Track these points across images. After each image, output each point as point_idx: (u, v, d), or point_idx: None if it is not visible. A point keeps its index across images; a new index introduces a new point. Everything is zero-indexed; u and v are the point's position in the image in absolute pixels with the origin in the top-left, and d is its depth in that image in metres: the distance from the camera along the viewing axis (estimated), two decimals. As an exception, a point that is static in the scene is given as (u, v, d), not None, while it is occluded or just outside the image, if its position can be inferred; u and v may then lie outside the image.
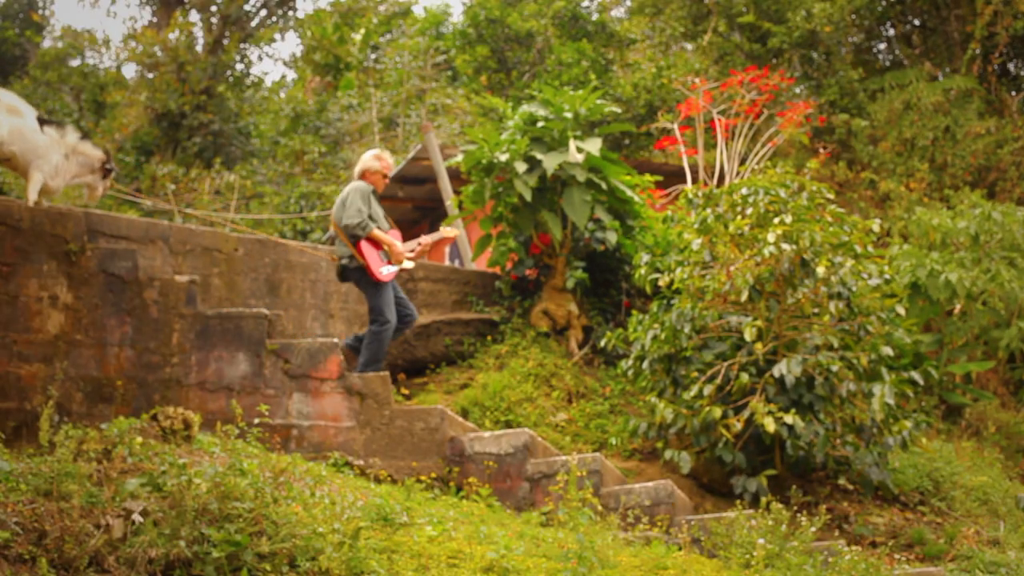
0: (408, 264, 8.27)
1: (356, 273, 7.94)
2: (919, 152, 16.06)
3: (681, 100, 14.70)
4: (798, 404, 7.60)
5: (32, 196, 7.22)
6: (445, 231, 8.93)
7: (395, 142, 19.53)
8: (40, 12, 30.70)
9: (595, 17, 19.42)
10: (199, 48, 23.95)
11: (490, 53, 18.60)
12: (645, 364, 8.41)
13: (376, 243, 7.98)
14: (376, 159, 8.27)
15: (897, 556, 6.77)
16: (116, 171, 8.18)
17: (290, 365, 6.97)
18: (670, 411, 7.74)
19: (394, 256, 8.03)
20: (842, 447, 7.86)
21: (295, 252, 9.13)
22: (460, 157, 10.42)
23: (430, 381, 9.67)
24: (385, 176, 8.32)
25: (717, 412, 7.46)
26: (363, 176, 8.25)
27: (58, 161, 7.48)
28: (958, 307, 10.65)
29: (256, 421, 5.36)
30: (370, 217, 8.01)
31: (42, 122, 7.49)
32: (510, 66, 18.58)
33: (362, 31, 25.02)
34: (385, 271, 7.95)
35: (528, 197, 9.56)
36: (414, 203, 15.97)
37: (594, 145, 9.76)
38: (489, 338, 10.00)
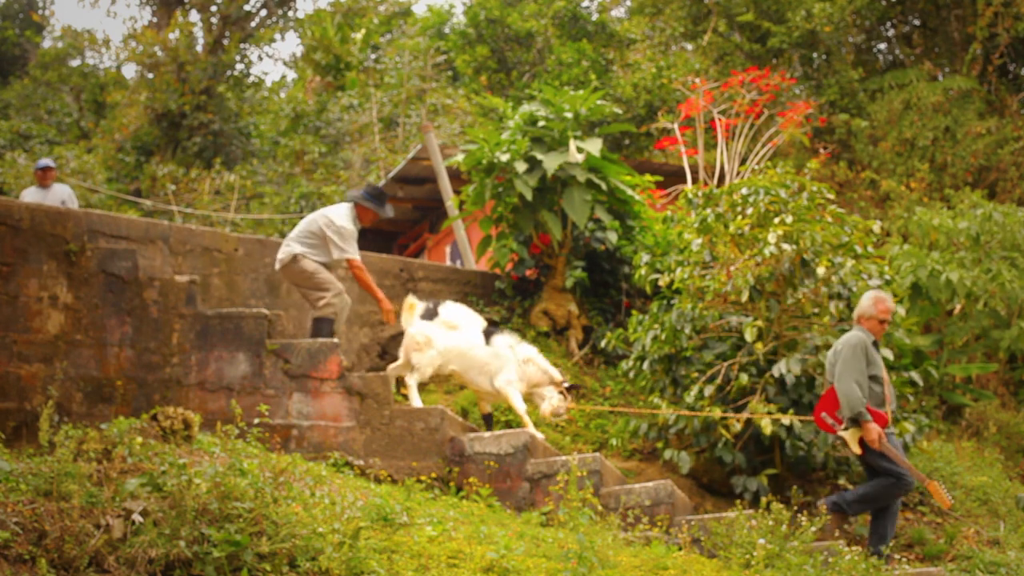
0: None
1: None
2: (919, 152, 16.06)
3: (681, 100, 14.70)
4: (798, 404, 7.61)
5: (541, 410, 7.86)
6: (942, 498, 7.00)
7: (395, 142, 19.53)
8: (40, 12, 30.68)
9: (595, 17, 19.43)
10: (199, 48, 23.94)
11: (490, 53, 18.60)
12: (645, 364, 8.40)
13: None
14: (874, 304, 7.10)
15: (897, 556, 6.76)
16: (574, 392, 8.16)
17: (290, 365, 6.97)
18: (672, 411, 7.74)
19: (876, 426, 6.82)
20: (842, 447, 7.85)
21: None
22: (460, 157, 10.41)
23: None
24: (883, 322, 7.12)
25: (717, 412, 7.47)
26: (859, 320, 7.13)
27: (517, 370, 7.78)
28: (958, 307, 10.65)
29: (256, 421, 5.35)
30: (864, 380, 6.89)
31: (488, 334, 7.79)
32: (510, 66, 18.58)
33: (362, 31, 25.03)
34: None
35: (528, 197, 9.56)
36: (414, 203, 15.97)
37: (594, 145, 9.76)
38: (489, 338, 10.00)
